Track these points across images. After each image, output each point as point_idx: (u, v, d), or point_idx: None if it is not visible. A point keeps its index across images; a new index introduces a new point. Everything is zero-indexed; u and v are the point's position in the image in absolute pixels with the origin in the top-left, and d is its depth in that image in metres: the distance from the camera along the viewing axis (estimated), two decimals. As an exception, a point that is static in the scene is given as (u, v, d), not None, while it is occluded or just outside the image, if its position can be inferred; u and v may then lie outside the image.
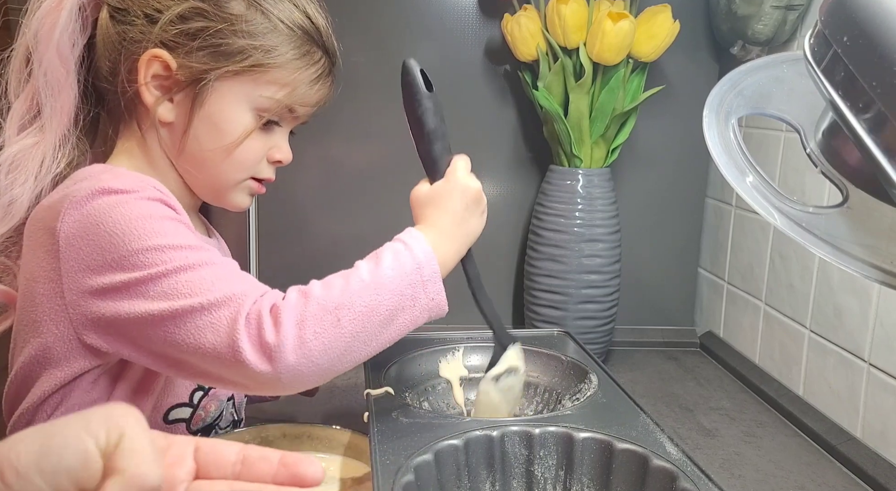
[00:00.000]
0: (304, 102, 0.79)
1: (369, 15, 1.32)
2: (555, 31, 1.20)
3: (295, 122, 0.82)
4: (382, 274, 0.68)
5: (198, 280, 0.66)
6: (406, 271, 0.69)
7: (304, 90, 0.78)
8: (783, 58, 0.61)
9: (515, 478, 0.71)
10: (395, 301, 0.68)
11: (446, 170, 0.80)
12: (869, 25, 0.44)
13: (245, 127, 0.76)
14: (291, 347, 0.63)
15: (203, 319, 0.64)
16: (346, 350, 0.66)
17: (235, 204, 0.82)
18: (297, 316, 0.64)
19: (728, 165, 0.54)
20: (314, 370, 0.66)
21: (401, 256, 0.70)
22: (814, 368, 1.09)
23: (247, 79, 0.75)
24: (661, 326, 1.44)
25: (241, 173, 0.79)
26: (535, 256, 1.29)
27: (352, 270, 0.69)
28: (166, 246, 0.66)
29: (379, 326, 0.67)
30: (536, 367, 0.91)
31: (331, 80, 0.81)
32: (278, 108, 0.77)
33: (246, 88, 0.75)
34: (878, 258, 0.51)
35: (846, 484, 0.94)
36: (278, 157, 0.81)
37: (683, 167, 1.40)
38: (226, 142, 0.76)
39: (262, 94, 0.76)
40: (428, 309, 0.71)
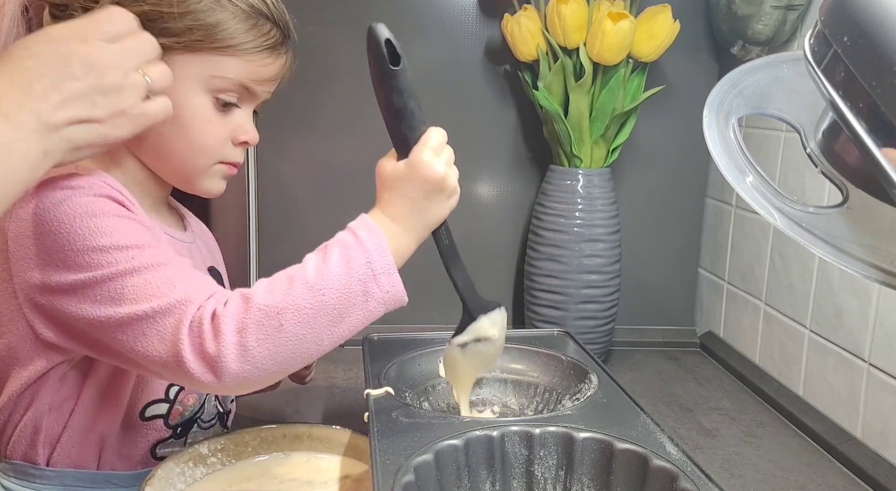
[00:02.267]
0: (258, 79, 0.77)
1: (369, 15, 1.32)
2: (555, 31, 1.20)
3: (255, 100, 0.79)
4: (329, 272, 0.66)
5: (143, 285, 0.65)
6: (355, 267, 0.67)
7: (257, 66, 0.76)
8: (783, 58, 0.61)
9: (515, 478, 0.71)
10: (343, 299, 0.66)
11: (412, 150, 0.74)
12: (869, 25, 0.44)
13: (201, 110, 0.74)
14: (233, 355, 0.63)
15: (149, 327, 0.65)
16: (294, 353, 0.66)
17: (207, 190, 0.80)
18: (237, 323, 0.63)
19: (728, 165, 0.54)
20: (262, 374, 0.66)
21: (350, 251, 0.68)
22: (814, 368, 1.09)
23: (196, 60, 0.73)
24: (661, 326, 1.44)
25: (206, 159, 0.77)
26: (535, 256, 1.29)
27: (298, 269, 0.67)
28: (111, 246, 0.66)
29: (328, 325, 0.66)
30: (536, 367, 0.91)
31: (284, 52, 0.79)
32: (233, 87, 0.75)
33: (196, 70, 0.73)
34: (878, 258, 0.51)
35: (846, 484, 0.94)
36: (244, 138, 0.78)
37: (683, 167, 1.40)
38: (185, 129, 0.74)
39: (214, 74, 0.74)
40: (384, 302, 0.69)
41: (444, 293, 1.42)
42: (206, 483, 0.77)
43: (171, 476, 0.74)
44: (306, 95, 1.33)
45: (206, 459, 0.78)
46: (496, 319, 0.81)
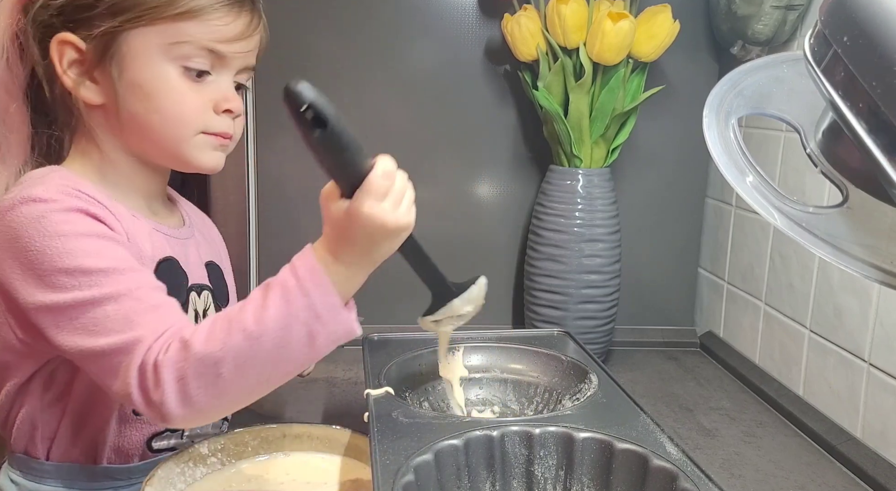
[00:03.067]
0: (220, 39, 0.74)
1: (369, 15, 1.32)
2: (555, 31, 1.20)
3: (230, 65, 0.77)
4: (268, 318, 0.65)
5: (101, 318, 0.66)
6: (295, 311, 0.65)
7: (217, 26, 0.74)
8: (783, 58, 0.61)
9: (515, 478, 0.71)
10: (283, 343, 0.65)
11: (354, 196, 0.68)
12: (869, 25, 0.44)
13: (169, 81, 0.73)
14: (175, 402, 0.64)
15: (104, 362, 0.66)
16: (238, 395, 0.67)
17: (202, 164, 0.78)
18: (176, 373, 0.64)
19: (728, 165, 0.54)
20: (210, 415, 0.67)
21: (290, 294, 0.65)
22: (814, 368, 1.09)
23: (152, 31, 0.72)
24: (661, 326, 1.44)
25: (185, 129, 0.75)
26: (535, 256, 1.29)
27: (237, 314, 0.66)
28: (77, 269, 0.67)
29: (270, 368, 0.66)
30: (536, 367, 0.91)
31: (249, 8, 0.77)
32: (197, 52, 0.73)
33: (155, 41, 0.72)
34: (878, 258, 0.51)
35: (846, 484, 0.93)
36: (225, 105, 0.76)
37: (683, 167, 1.40)
38: (156, 102, 0.73)
39: (172, 40, 0.72)
40: (331, 341, 0.67)
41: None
42: (206, 483, 0.77)
43: (171, 476, 0.74)
44: (306, 95, 1.33)
45: (206, 459, 0.78)
46: (471, 295, 0.80)
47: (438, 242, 1.39)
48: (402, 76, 1.35)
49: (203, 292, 0.84)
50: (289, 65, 1.32)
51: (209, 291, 0.85)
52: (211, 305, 0.85)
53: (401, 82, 1.35)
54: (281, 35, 1.31)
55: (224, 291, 0.89)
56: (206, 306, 0.84)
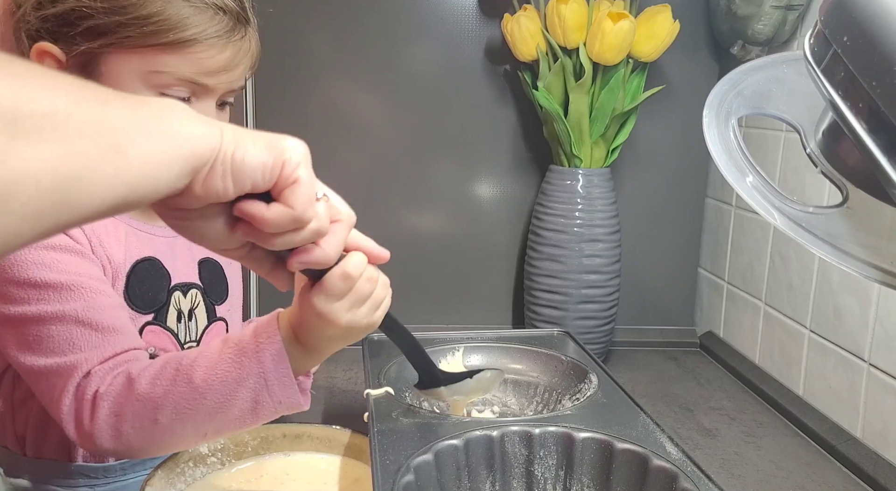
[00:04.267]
0: (203, 72, 0.71)
1: (369, 15, 1.32)
2: (555, 31, 1.20)
3: (213, 93, 0.73)
4: (216, 377, 0.63)
5: (45, 337, 0.66)
6: (245, 375, 0.63)
7: (199, 58, 0.70)
8: (783, 58, 0.61)
9: (515, 478, 0.71)
10: (227, 404, 0.64)
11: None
12: (869, 25, 0.44)
13: None
14: (107, 436, 0.64)
15: (41, 381, 0.67)
16: (172, 442, 0.67)
17: None
18: (115, 408, 0.64)
19: (728, 165, 0.54)
20: (139, 454, 0.68)
21: (245, 357, 0.64)
22: (814, 368, 1.09)
23: (132, 57, 0.69)
24: (661, 326, 1.44)
25: None
26: (535, 256, 1.29)
27: (188, 363, 0.65)
28: (29, 282, 0.67)
29: (210, 424, 0.65)
30: (536, 367, 0.91)
31: (238, 38, 0.72)
32: (176, 82, 0.70)
33: (134, 66, 0.69)
34: (878, 258, 0.51)
35: (846, 484, 0.93)
36: None
37: (683, 167, 1.40)
38: None
39: (152, 68, 0.69)
40: (275, 411, 0.66)
41: (444, 293, 1.42)
42: (206, 483, 0.77)
43: (171, 476, 0.74)
44: (305, 95, 1.33)
45: (206, 458, 0.78)
46: (463, 388, 0.75)
47: (438, 242, 1.39)
48: (402, 76, 1.35)
49: (191, 291, 0.83)
50: (289, 65, 1.33)
51: (199, 289, 0.84)
52: (200, 303, 0.84)
53: (401, 82, 1.35)
54: (281, 35, 1.32)
55: (220, 289, 0.88)
56: (193, 305, 0.83)
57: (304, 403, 0.67)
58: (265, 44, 1.31)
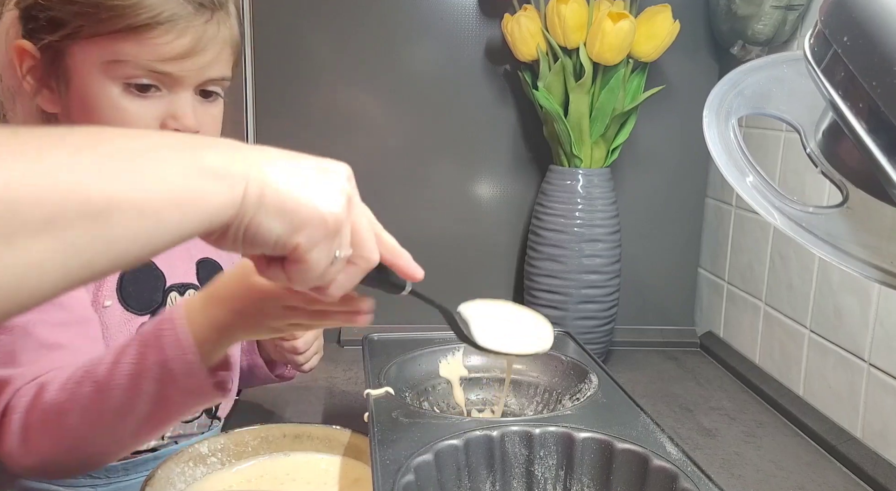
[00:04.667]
0: (162, 58, 0.68)
1: (369, 15, 1.32)
2: (555, 31, 1.20)
3: (182, 83, 0.70)
4: (118, 372, 0.61)
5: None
6: (146, 368, 0.60)
7: (157, 44, 0.67)
8: (783, 58, 0.61)
9: (515, 478, 0.71)
10: (133, 399, 0.61)
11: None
12: (869, 25, 0.44)
13: (109, 99, 0.68)
14: (18, 452, 0.63)
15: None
16: (86, 447, 0.64)
17: None
18: (23, 421, 0.63)
19: (728, 165, 0.54)
20: (54, 467, 0.65)
21: (146, 350, 0.61)
22: (814, 368, 1.09)
23: (91, 46, 0.67)
24: (661, 326, 1.44)
25: None
26: (535, 256, 1.29)
27: (95, 363, 0.63)
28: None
29: (118, 423, 0.62)
30: (536, 367, 0.91)
31: (194, 25, 0.69)
32: (136, 72, 0.68)
33: (95, 56, 0.67)
34: (878, 258, 0.51)
35: (846, 484, 0.93)
36: (172, 125, 0.70)
37: (683, 167, 1.40)
38: (98, 118, 0.69)
39: (111, 57, 0.67)
40: (185, 405, 0.63)
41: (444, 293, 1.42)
42: (206, 483, 0.77)
43: (171, 476, 0.74)
44: (305, 95, 1.33)
45: (206, 458, 0.78)
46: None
47: (438, 242, 1.39)
48: (402, 76, 1.35)
49: (188, 292, 0.82)
50: (289, 64, 1.33)
51: (196, 290, 0.83)
52: None
53: (401, 82, 1.35)
54: (281, 35, 1.32)
55: None
56: None
57: (219, 395, 0.63)
58: (265, 43, 1.31)
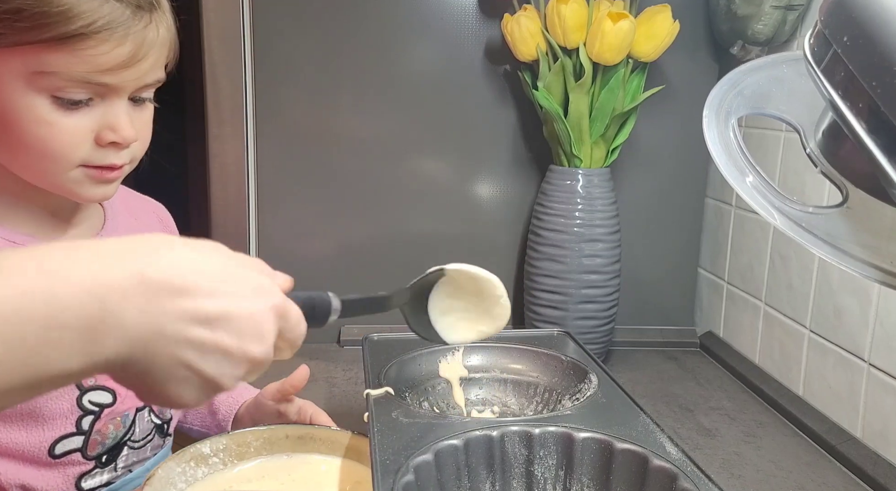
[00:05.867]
0: (99, 70, 0.61)
1: (369, 15, 1.32)
2: (555, 31, 1.20)
3: (118, 92, 0.64)
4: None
5: None
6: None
7: (91, 56, 0.60)
8: (783, 58, 0.61)
9: (515, 478, 0.71)
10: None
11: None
12: (869, 25, 0.44)
13: (34, 112, 0.61)
14: None
15: None
16: None
17: (86, 197, 0.68)
18: None
19: (728, 165, 0.54)
20: None
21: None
22: (814, 368, 1.09)
23: (11, 55, 0.60)
24: (661, 326, 1.44)
25: (58, 164, 0.64)
26: (535, 256, 1.29)
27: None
28: None
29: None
30: (536, 367, 0.91)
31: (133, 31, 0.62)
32: (68, 84, 0.61)
33: (15, 66, 0.60)
34: (878, 258, 0.51)
35: (846, 484, 0.93)
36: (111, 138, 0.64)
37: (683, 167, 1.40)
38: (19, 134, 0.62)
39: (36, 68, 0.60)
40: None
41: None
42: (207, 483, 0.77)
43: (172, 476, 0.74)
44: (305, 95, 1.33)
45: (208, 458, 0.78)
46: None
47: (439, 242, 1.39)
48: (401, 76, 1.35)
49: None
50: (288, 65, 1.33)
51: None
52: None
53: (401, 82, 1.35)
54: (280, 35, 1.32)
55: None
56: None
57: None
58: (264, 44, 1.31)
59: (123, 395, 0.75)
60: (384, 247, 1.37)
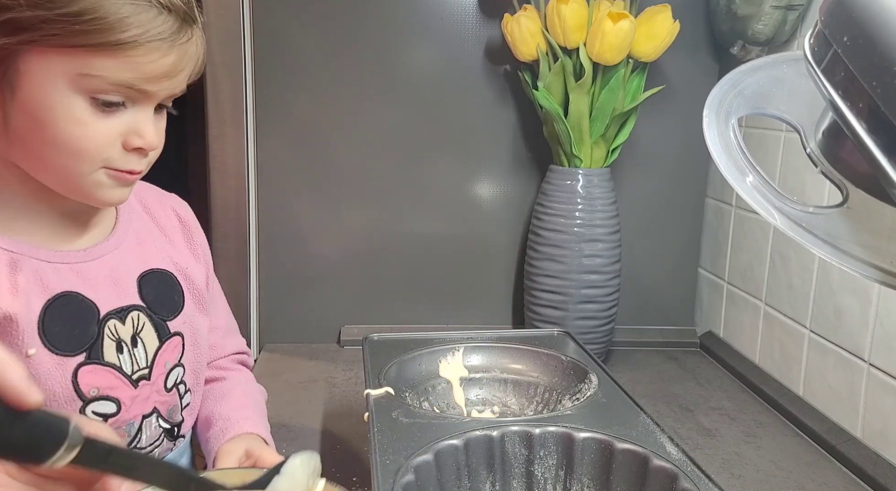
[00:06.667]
0: (143, 78, 0.64)
1: (369, 15, 1.32)
2: (555, 31, 1.20)
3: (151, 99, 0.67)
4: None
5: None
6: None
7: (140, 63, 0.63)
8: (783, 58, 0.61)
9: (515, 478, 0.71)
10: None
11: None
12: (869, 25, 0.44)
13: (72, 113, 0.63)
14: None
15: None
16: None
17: (102, 200, 0.69)
18: None
19: (728, 165, 0.54)
20: None
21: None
22: (814, 368, 1.09)
23: (60, 57, 0.62)
24: (661, 326, 1.44)
25: (85, 164, 0.65)
26: (535, 256, 1.29)
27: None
28: None
29: None
30: (536, 367, 0.91)
31: (184, 42, 0.65)
32: (111, 87, 0.63)
33: (61, 68, 0.62)
34: (878, 258, 0.51)
35: (846, 484, 0.93)
36: (137, 143, 0.66)
37: (683, 167, 1.40)
38: (52, 132, 0.63)
39: (83, 71, 0.62)
40: None
41: (444, 293, 1.42)
42: None
43: None
44: (305, 95, 1.33)
45: None
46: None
47: (439, 242, 1.39)
48: (402, 76, 1.35)
49: (130, 314, 0.74)
50: (288, 65, 1.33)
51: (140, 310, 0.75)
52: (146, 324, 0.75)
53: (401, 82, 1.35)
54: (280, 35, 1.32)
55: (171, 302, 0.79)
56: (137, 329, 0.75)
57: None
58: (264, 44, 1.31)
59: (128, 404, 0.73)
60: (384, 247, 1.38)
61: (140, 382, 0.74)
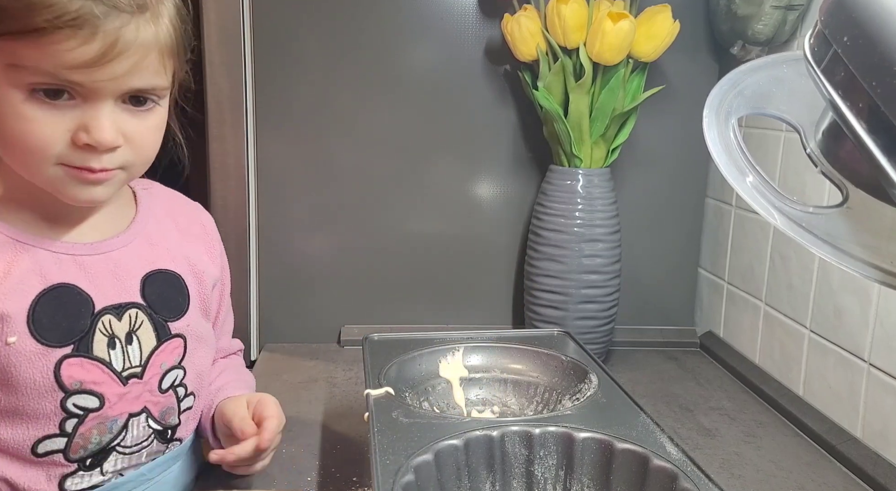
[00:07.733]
0: (66, 66, 0.61)
1: (369, 15, 1.32)
2: (555, 31, 1.20)
3: (98, 93, 0.64)
4: None
5: None
6: None
7: (57, 51, 0.60)
8: (783, 58, 0.61)
9: (515, 478, 0.71)
10: None
11: None
12: (869, 25, 0.44)
13: (11, 105, 0.62)
14: None
15: None
16: None
17: (74, 198, 0.68)
18: None
19: (728, 165, 0.54)
20: None
21: None
22: (814, 368, 1.09)
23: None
24: (661, 326, 1.45)
25: (36, 159, 0.64)
26: (535, 256, 1.29)
27: None
28: None
29: None
30: (536, 367, 0.91)
31: (103, 30, 0.61)
32: (41, 78, 0.61)
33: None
34: (878, 258, 0.51)
35: (846, 484, 0.93)
36: (84, 140, 0.64)
37: (683, 167, 1.40)
38: (1, 126, 0.63)
39: (10, 61, 0.61)
40: None
41: (444, 293, 1.42)
42: None
43: None
44: (304, 95, 1.33)
45: None
46: None
47: (439, 242, 1.39)
48: (401, 76, 1.35)
49: (128, 312, 0.74)
50: (287, 65, 1.33)
51: (140, 308, 0.75)
52: (144, 322, 0.75)
53: (401, 82, 1.35)
54: (280, 35, 1.32)
55: (175, 303, 0.79)
56: (134, 327, 0.74)
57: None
58: (264, 44, 1.31)
59: (114, 401, 0.73)
60: (384, 247, 1.37)
61: (130, 380, 0.74)
